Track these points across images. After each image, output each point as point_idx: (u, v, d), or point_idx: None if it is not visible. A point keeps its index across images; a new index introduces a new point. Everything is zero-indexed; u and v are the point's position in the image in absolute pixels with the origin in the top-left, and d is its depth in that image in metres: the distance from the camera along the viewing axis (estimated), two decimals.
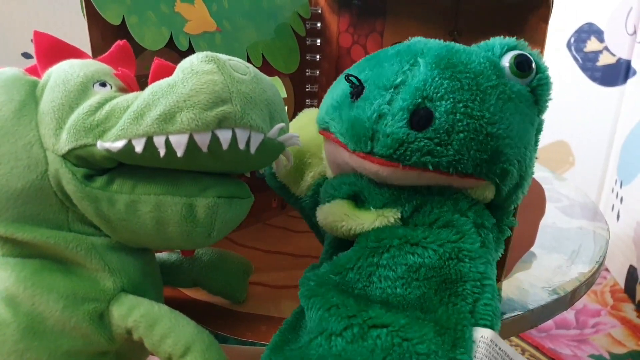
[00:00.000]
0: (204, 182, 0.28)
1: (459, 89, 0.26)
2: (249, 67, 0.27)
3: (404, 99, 0.26)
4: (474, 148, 0.26)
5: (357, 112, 0.27)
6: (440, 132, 0.25)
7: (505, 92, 0.27)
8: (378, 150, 0.26)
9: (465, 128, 0.26)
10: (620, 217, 0.97)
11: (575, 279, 0.44)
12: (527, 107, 0.28)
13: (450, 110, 0.26)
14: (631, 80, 0.98)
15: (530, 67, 0.28)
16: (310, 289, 0.27)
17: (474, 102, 0.26)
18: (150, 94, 0.26)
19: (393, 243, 0.27)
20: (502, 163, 0.27)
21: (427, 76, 0.26)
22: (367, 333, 0.24)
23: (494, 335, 0.24)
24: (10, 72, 0.29)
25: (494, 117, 0.26)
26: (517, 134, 0.27)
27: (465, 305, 0.25)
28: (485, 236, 0.28)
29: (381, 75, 0.27)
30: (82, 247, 0.29)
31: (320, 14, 0.54)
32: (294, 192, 0.38)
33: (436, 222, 0.28)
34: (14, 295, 0.28)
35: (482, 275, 0.26)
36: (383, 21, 0.53)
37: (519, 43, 0.29)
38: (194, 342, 0.28)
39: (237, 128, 0.26)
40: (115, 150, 0.26)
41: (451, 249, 0.26)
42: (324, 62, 0.56)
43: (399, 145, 0.26)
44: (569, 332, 0.83)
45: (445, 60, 0.27)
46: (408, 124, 0.26)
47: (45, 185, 0.28)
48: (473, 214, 0.28)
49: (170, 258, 0.38)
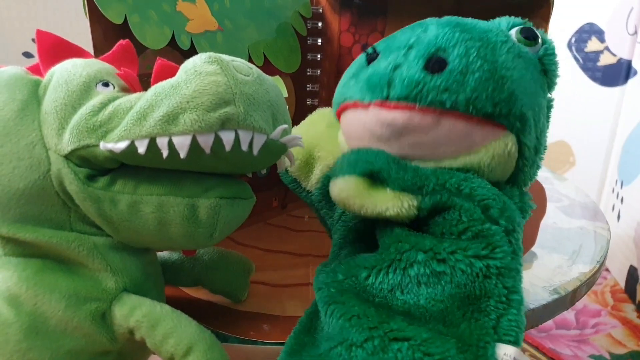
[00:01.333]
0: (206, 183, 0.28)
1: (470, 39, 0.27)
2: (252, 68, 0.27)
3: (418, 49, 0.27)
4: (491, 87, 0.26)
5: (373, 69, 0.28)
6: (455, 73, 0.26)
7: (514, 48, 0.28)
8: (394, 93, 0.26)
9: (480, 69, 0.26)
10: (620, 217, 0.97)
11: (575, 279, 0.44)
12: (537, 72, 0.29)
13: (463, 53, 0.26)
14: (632, 81, 0.98)
15: (535, 38, 0.29)
16: (331, 296, 0.27)
17: (486, 48, 0.27)
18: (153, 94, 0.26)
19: (418, 257, 0.26)
20: (520, 106, 0.27)
21: (438, 32, 0.27)
22: (388, 346, 0.24)
23: (517, 352, 0.24)
24: (13, 71, 0.29)
25: (507, 63, 0.27)
26: (530, 88, 0.28)
27: (488, 321, 0.25)
28: (516, 243, 0.27)
29: (395, 41, 0.28)
30: (84, 247, 0.29)
31: (322, 14, 0.54)
32: (305, 186, 0.38)
33: (465, 232, 0.26)
34: (16, 295, 0.28)
35: (508, 290, 0.25)
36: (384, 21, 0.53)
37: (524, 21, 0.30)
38: (196, 342, 0.28)
39: (240, 129, 0.26)
40: (118, 151, 0.26)
41: (479, 268, 0.25)
42: (325, 61, 0.56)
43: (415, 85, 0.26)
44: (569, 332, 0.84)
45: (454, 21, 0.28)
46: (423, 68, 0.26)
47: (48, 186, 0.28)
48: (505, 221, 0.27)
49: (172, 257, 0.38)
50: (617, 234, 0.95)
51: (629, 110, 0.98)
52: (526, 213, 0.30)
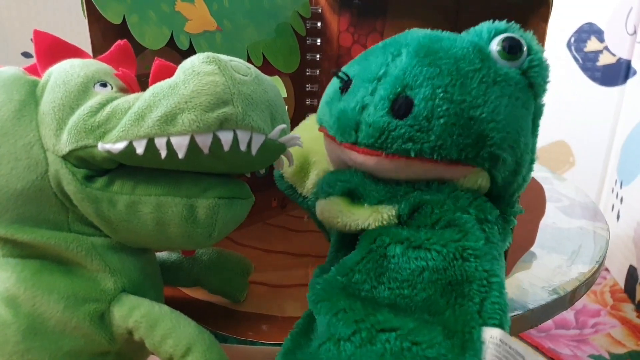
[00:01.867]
0: (204, 183, 0.28)
1: (438, 75, 0.26)
2: (250, 68, 0.27)
3: (385, 88, 0.26)
4: (456, 133, 0.26)
5: (343, 105, 0.28)
6: (420, 119, 0.25)
7: (489, 75, 0.27)
8: (361, 139, 0.27)
9: (445, 113, 0.25)
10: (620, 217, 0.97)
11: (575, 279, 0.44)
12: (518, 90, 0.27)
13: (429, 96, 0.25)
14: (631, 80, 0.98)
15: (519, 49, 0.27)
16: (317, 294, 0.27)
17: (453, 87, 0.26)
18: (151, 95, 0.26)
19: (396, 248, 0.27)
20: (489, 147, 0.26)
21: (407, 65, 0.26)
22: (376, 337, 0.24)
23: (503, 334, 0.24)
24: (10, 72, 0.29)
25: (477, 100, 0.26)
26: (506, 118, 0.27)
27: (472, 305, 0.25)
28: (490, 230, 0.28)
29: (367, 68, 0.28)
30: (82, 248, 0.29)
31: (321, 14, 0.54)
32: (301, 192, 0.38)
33: (438, 222, 0.27)
34: (14, 296, 0.28)
35: (488, 273, 0.26)
36: (383, 21, 0.53)
37: (508, 26, 0.28)
38: (195, 343, 0.28)
39: (239, 129, 0.25)
40: (116, 151, 0.26)
41: (455, 248, 0.26)
42: (325, 61, 0.56)
43: (380, 133, 0.26)
44: (568, 332, 0.84)
45: (425, 48, 0.27)
46: (389, 112, 0.26)
47: (46, 186, 0.28)
48: (475, 210, 0.28)
49: (171, 258, 0.38)
50: (616, 234, 0.95)
51: (629, 110, 0.98)
52: (508, 223, 0.31)
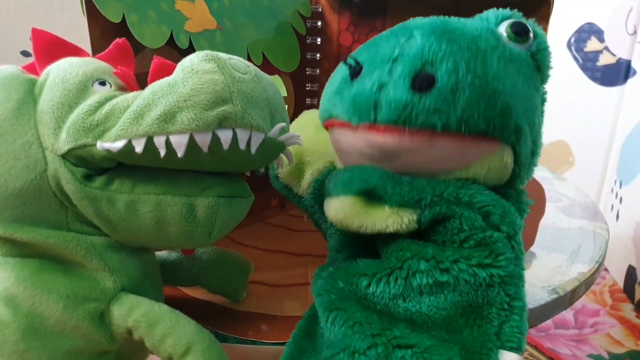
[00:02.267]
0: (204, 182, 0.28)
1: (459, 50, 0.25)
2: (249, 66, 0.27)
3: (404, 65, 0.25)
4: (483, 104, 0.25)
5: (357, 88, 0.26)
6: (445, 92, 0.24)
7: (505, 53, 0.26)
8: (382, 117, 0.25)
9: (470, 85, 0.25)
10: (619, 217, 0.97)
11: (574, 279, 0.44)
12: (530, 71, 0.28)
13: (452, 69, 0.25)
14: (631, 80, 0.98)
15: (527, 33, 0.27)
16: (332, 302, 0.26)
17: (475, 60, 0.25)
18: (150, 93, 0.25)
19: (420, 267, 0.26)
20: (515, 118, 0.26)
21: (424, 43, 0.25)
22: (392, 353, 0.23)
23: (519, 359, 0.24)
24: (8, 70, 0.29)
25: (499, 74, 0.25)
26: (524, 94, 0.26)
27: (490, 328, 0.24)
28: (518, 247, 0.27)
29: (378, 52, 0.27)
30: (81, 247, 0.29)
31: (321, 13, 0.54)
32: (297, 192, 0.37)
33: (467, 240, 0.26)
34: (14, 295, 0.27)
35: (510, 297, 0.25)
36: (384, 20, 0.53)
37: (513, 13, 0.28)
38: (195, 342, 0.28)
39: (238, 128, 0.25)
40: (115, 150, 0.25)
41: (483, 278, 0.25)
42: (325, 60, 0.56)
43: (403, 108, 0.25)
44: (567, 331, 0.84)
45: (440, 28, 0.26)
46: (410, 88, 0.25)
47: (44, 185, 0.27)
48: (506, 227, 0.26)
49: (170, 257, 0.38)
50: (616, 234, 0.96)
51: (628, 110, 0.98)
52: (524, 212, 0.30)
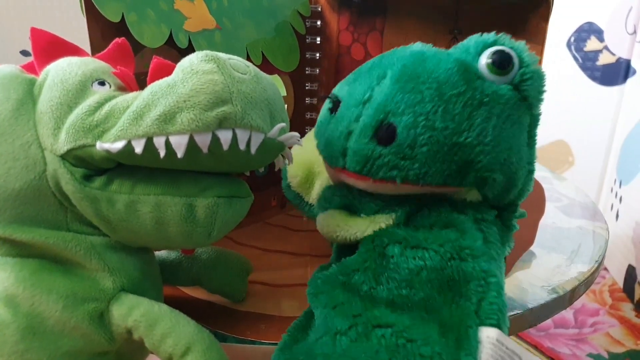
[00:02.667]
0: (203, 182, 0.28)
1: (420, 102, 0.26)
2: (249, 66, 0.27)
3: (368, 115, 0.26)
4: (440, 160, 0.26)
5: (331, 129, 0.29)
6: (404, 147, 0.25)
7: (474, 97, 0.26)
8: (349, 165, 0.27)
9: (428, 141, 0.25)
10: (619, 216, 0.97)
11: (574, 278, 0.44)
12: (509, 107, 0.27)
13: (410, 124, 0.25)
14: (631, 80, 0.98)
15: (509, 63, 0.27)
16: (317, 287, 0.28)
17: (435, 114, 0.25)
18: (149, 94, 0.25)
19: (395, 248, 0.27)
20: (475, 172, 0.26)
21: (389, 91, 0.26)
22: (372, 332, 0.24)
23: (499, 334, 0.24)
24: (7, 70, 0.29)
25: (461, 125, 0.25)
26: (495, 139, 0.26)
27: (469, 305, 0.25)
28: (488, 230, 0.28)
29: (354, 92, 0.28)
30: (81, 247, 0.29)
31: (320, 12, 0.54)
32: (307, 201, 0.39)
33: (436, 223, 0.28)
34: (13, 295, 0.27)
35: (486, 273, 0.25)
36: (383, 19, 0.53)
37: (498, 38, 0.27)
38: (195, 342, 0.28)
39: (238, 128, 0.25)
40: (114, 151, 0.25)
41: (452, 247, 0.26)
42: (324, 60, 0.56)
43: (366, 161, 0.26)
44: (567, 331, 0.84)
45: (409, 71, 0.27)
46: (373, 139, 0.26)
47: (44, 186, 0.27)
48: (472, 210, 0.28)
49: (170, 257, 0.38)
50: (615, 234, 0.96)
51: (628, 110, 0.98)
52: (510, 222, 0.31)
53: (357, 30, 0.54)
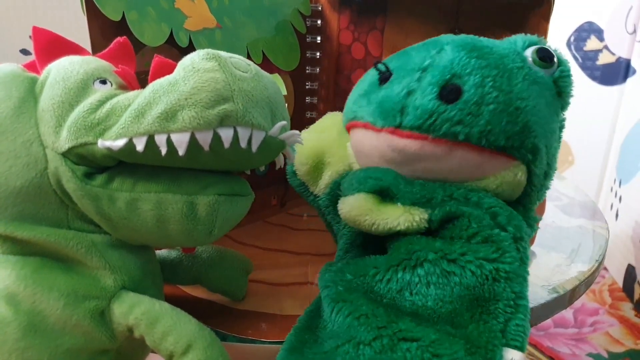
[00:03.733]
0: (204, 180, 0.28)
1: (487, 66, 0.26)
2: (250, 65, 0.27)
3: (433, 75, 0.26)
4: (505, 120, 0.26)
5: (386, 92, 0.28)
6: (470, 104, 0.26)
7: (530, 74, 0.27)
8: (407, 121, 0.27)
9: (495, 100, 0.26)
10: (619, 216, 0.97)
11: (574, 278, 0.44)
12: (551, 96, 0.29)
13: (479, 83, 0.26)
14: (631, 80, 0.98)
15: (552, 59, 0.29)
16: (339, 293, 0.27)
17: (502, 78, 0.26)
18: (151, 92, 0.25)
19: (428, 257, 0.26)
20: (533, 137, 0.27)
21: (454, 56, 0.27)
22: (397, 345, 0.24)
23: (522, 358, 0.24)
24: (9, 69, 0.29)
25: (522, 93, 0.26)
26: (544, 117, 0.27)
27: (496, 324, 0.25)
28: (523, 251, 0.27)
29: (409, 61, 0.28)
30: (82, 245, 0.29)
31: (321, 11, 0.54)
32: (313, 191, 0.38)
33: (474, 236, 0.27)
34: (14, 293, 0.27)
35: (516, 295, 0.25)
36: (384, 18, 0.53)
37: (540, 40, 0.29)
38: (196, 340, 0.28)
39: (239, 126, 0.25)
40: (116, 148, 0.25)
41: (489, 270, 0.25)
42: (324, 59, 0.56)
43: (429, 115, 0.26)
44: (567, 330, 0.84)
45: (470, 44, 0.28)
46: (438, 97, 0.26)
47: (45, 184, 0.27)
48: (513, 229, 0.27)
49: (170, 255, 0.38)
50: (615, 233, 0.96)
51: (628, 109, 0.98)
52: (531, 228, 0.30)
53: (357, 30, 0.54)
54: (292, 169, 0.39)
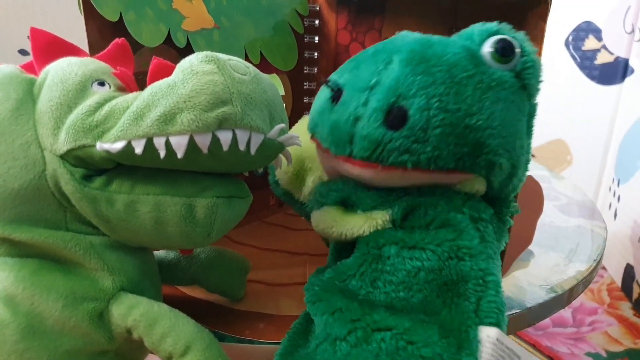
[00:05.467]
0: (203, 182, 0.28)
1: (432, 84, 0.25)
2: (249, 67, 0.27)
3: (378, 99, 0.26)
4: (453, 142, 0.25)
5: (335, 116, 0.27)
6: (416, 130, 0.25)
7: (483, 81, 0.26)
8: (357, 152, 0.26)
9: (441, 123, 0.25)
10: (617, 215, 0.97)
11: (572, 277, 0.45)
12: (512, 93, 0.27)
13: (424, 106, 0.25)
14: (629, 79, 0.99)
15: (512, 51, 0.27)
16: (315, 294, 0.27)
17: (448, 95, 0.25)
18: (149, 94, 0.25)
19: (391, 248, 0.27)
20: (485, 155, 0.26)
21: (399, 74, 0.26)
22: (371, 336, 0.24)
23: (499, 333, 0.24)
24: (7, 70, 0.29)
25: (472, 108, 0.25)
26: (501, 123, 0.26)
27: (468, 304, 0.25)
28: (484, 229, 0.28)
29: (358, 78, 0.27)
30: (80, 247, 0.29)
31: (319, 11, 0.54)
32: (298, 198, 0.38)
33: (432, 222, 0.27)
34: (13, 295, 0.27)
35: (483, 272, 0.25)
36: (382, 18, 0.53)
37: (499, 28, 0.28)
38: (194, 341, 0.28)
39: (238, 129, 0.25)
40: (114, 151, 0.25)
41: (449, 247, 0.26)
42: (322, 59, 0.56)
43: (376, 146, 0.26)
44: (566, 330, 0.84)
45: (418, 55, 0.26)
46: (384, 124, 0.25)
47: (43, 186, 0.27)
48: (468, 209, 0.28)
49: (168, 256, 0.38)
50: (613, 233, 0.96)
51: (626, 109, 0.99)
52: (504, 217, 0.31)
53: (355, 30, 0.54)
54: (275, 179, 0.39)
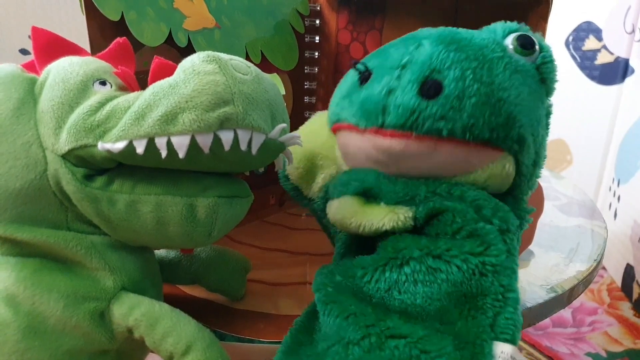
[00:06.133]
0: (204, 182, 0.28)
1: (466, 59, 0.26)
2: (250, 67, 0.27)
3: (412, 72, 0.26)
4: (488, 112, 0.26)
5: (367, 92, 0.27)
6: (452, 98, 0.25)
7: (511, 63, 0.27)
8: (389, 121, 0.26)
9: (476, 92, 0.25)
10: (617, 215, 0.97)
11: (573, 277, 0.45)
12: (535, 82, 0.28)
13: (459, 77, 0.25)
14: (629, 79, 0.98)
15: (533, 46, 0.28)
16: (328, 295, 0.27)
17: (482, 69, 0.26)
18: (151, 94, 0.25)
19: (413, 254, 0.26)
20: (518, 128, 0.26)
21: (432, 51, 0.26)
22: (385, 343, 0.24)
23: (514, 350, 0.24)
24: (8, 69, 0.29)
25: (504, 83, 0.26)
26: (529, 105, 0.27)
27: (485, 319, 0.25)
28: (511, 242, 0.27)
29: (388, 58, 0.27)
30: (81, 246, 0.29)
31: (319, 11, 0.54)
32: (306, 194, 0.38)
33: (459, 231, 0.26)
34: (14, 295, 0.27)
35: (504, 288, 0.25)
36: (382, 18, 0.53)
37: (520, 26, 0.29)
38: (195, 341, 0.28)
39: (239, 129, 0.25)
40: (116, 151, 0.25)
41: (475, 264, 0.25)
42: (323, 59, 0.56)
43: (411, 113, 0.26)
44: (565, 330, 0.84)
45: (448, 37, 0.27)
46: (418, 94, 0.26)
47: (44, 185, 0.27)
48: (498, 221, 0.27)
49: (169, 255, 0.38)
50: (613, 233, 0.96)
51: (626, 109, 0.99)
52: (522, 220, 0.30)
53: (356, 29, 0.54)
54: (284, 173, 0.38)
